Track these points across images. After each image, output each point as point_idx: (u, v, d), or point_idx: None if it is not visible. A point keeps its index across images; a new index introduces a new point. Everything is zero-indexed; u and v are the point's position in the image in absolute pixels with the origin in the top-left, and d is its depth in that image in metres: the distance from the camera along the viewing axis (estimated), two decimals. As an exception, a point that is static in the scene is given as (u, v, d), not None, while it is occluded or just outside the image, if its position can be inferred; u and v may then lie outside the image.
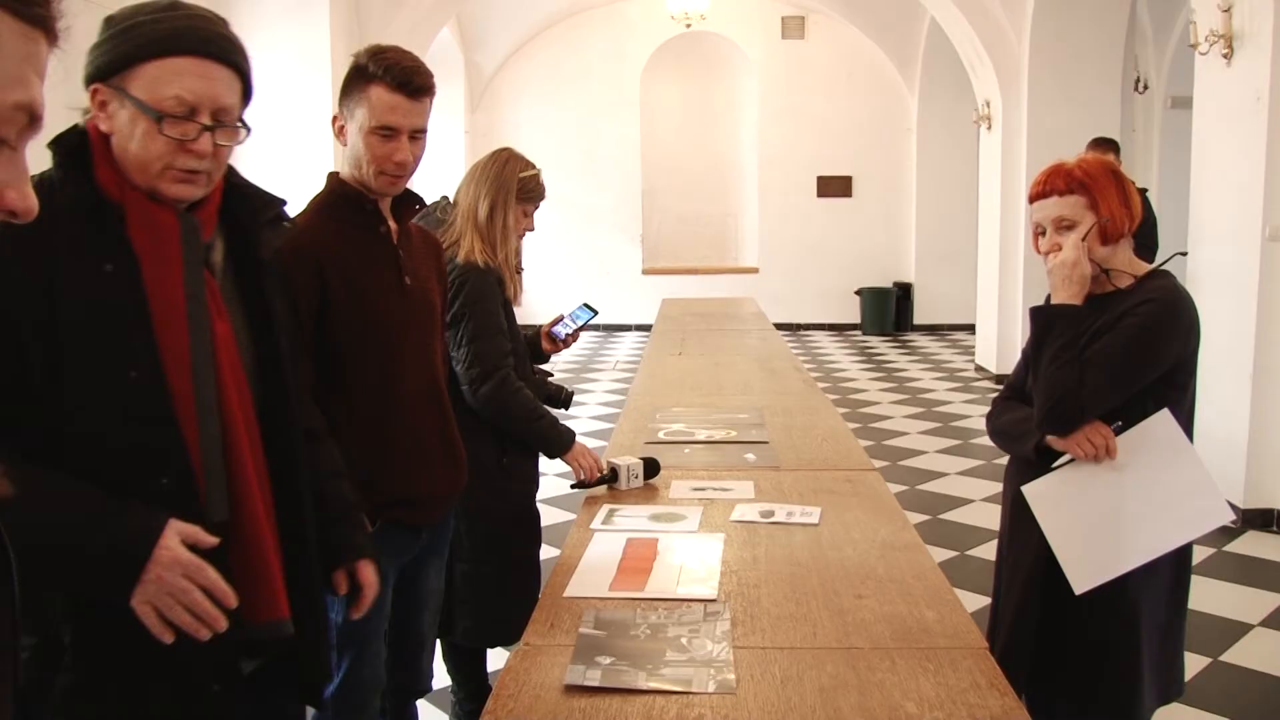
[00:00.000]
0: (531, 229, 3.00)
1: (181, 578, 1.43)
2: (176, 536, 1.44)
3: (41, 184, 1.45)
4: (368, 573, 1.89)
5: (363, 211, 2.22)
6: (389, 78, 2.11)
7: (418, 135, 2.18)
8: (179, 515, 1.47)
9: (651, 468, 2.80)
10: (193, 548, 1.44)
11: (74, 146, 1.52)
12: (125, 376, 1.46)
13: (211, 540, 1.47)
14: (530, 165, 2.96)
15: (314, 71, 8.28)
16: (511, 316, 2.94)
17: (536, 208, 3.00)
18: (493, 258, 2.84)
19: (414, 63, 2.16)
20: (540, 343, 3.28)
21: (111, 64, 1.50)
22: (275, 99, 8.32)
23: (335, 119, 2.23)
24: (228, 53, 1.55)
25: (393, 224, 2.27)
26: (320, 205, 2.27)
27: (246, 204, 1.67)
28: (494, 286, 2.83)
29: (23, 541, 1.31)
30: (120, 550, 1.42)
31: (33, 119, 0.81)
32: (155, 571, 1.42)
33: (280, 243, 1.75)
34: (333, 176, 2.27)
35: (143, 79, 1.49)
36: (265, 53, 8.41)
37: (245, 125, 1.58)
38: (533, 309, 9.33)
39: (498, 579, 2.92)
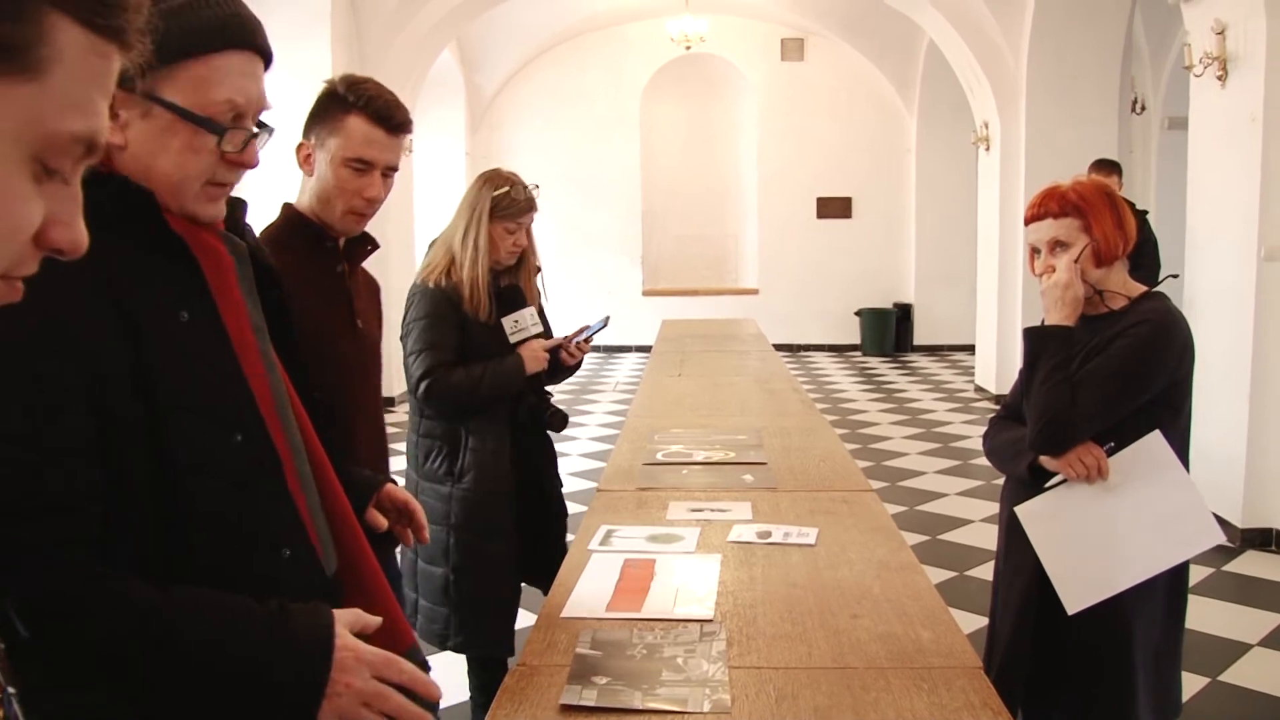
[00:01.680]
0: (522, 244, 3.07)
1: (373, 680, 1.19)
2: (347, 629, 1.21)
3: None
4: (395, 492, 1.67)
5: (321, 248, 2.15)
6: (370, 110, 2.04)
7: (389, 173, 2.10)
8: (304, 587, 1.27)
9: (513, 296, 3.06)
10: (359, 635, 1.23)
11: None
12: (231, 442, 1.24)
13: (375, 621, 1.26)
14: (505, 183, 3.00)
15: (314, 93, 8.32)
16: (477, 328, 3.01)
17: (522, 221, 3.03)
18: (448, 277, 2.98)
19: (394, 98, 2.10)
20: (561, 356, 3.21)
21: (138, 63, 1.26)
22: (276, 121, 8.38)
23: (301, 146, 2.13)
24: (266, 44, 1.31)
25: (344, 264, 2.21)
26: (275, 237, 2.11)
27: (236, 210, 1.43)
28: (441, 304, 2.97)
29: (161, 682, 1.14)
30: (294, 667, 1.16)
31: (91, 148, 0.67)
32: (342, 681, 1.16)
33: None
34: (288, 207, 2.17)
35: (185, 80, 1.21)
36: (266, 74, 8.47)
37: (268, 127, 1.35)
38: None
39: (443, 581, 2.98)
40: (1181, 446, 2.19)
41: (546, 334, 3.20)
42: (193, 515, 1.20)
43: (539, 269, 3.20)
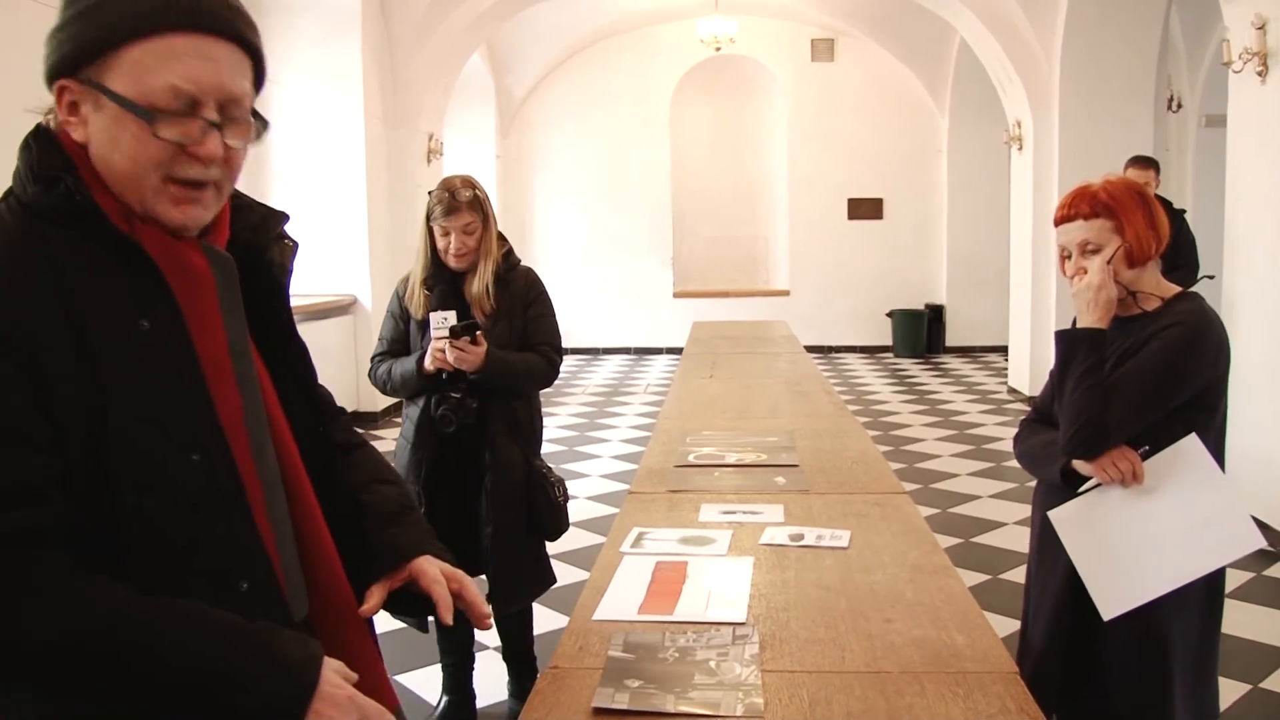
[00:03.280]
0: (456, 246, 3.14)
1: None
2: (335, 671, 1.15)
3: (11, 209, 1.19)
4: (425, 569, 1.39)
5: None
6: None
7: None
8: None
9: (444, 297, 3.15)
10: None
11: (59, 160, 1.18)
12: (186, 461, 1.16)
13: (354, 676, 1.18)
14: (436, 188, 3.18)
15: (346, 97, 8.41)
16: (413, 324, 3.25)
17: (448, 224, 3.13)
18: (408, 280, 3.28)
19: None
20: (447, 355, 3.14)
21: (81, 51, 1.16)
22: (308, 124, 8.47)
23: None
24: (233, 25, 1.20)
25: None
26: None
27: (247, 219, 1.35)
28: (394, 302, 3.33)
29: (126, 692, 1.08)
30: (275, 685, 1.10)
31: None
32: (327, 713, 1.11)
33: (289, 262, 1.42)
34: None
35: (125, 67, 1.15)
36: (298, 78, 8.59)
37: (260, 119, 1.25)
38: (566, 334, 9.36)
39: None
40: (1217, 449, 2.15)
41: (480, 333, 3.11)
42: (136, 531, 1.13)
43: (498, 271, 3.20)
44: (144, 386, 1.15)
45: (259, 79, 1.27)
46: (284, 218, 1.41)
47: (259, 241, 1.35)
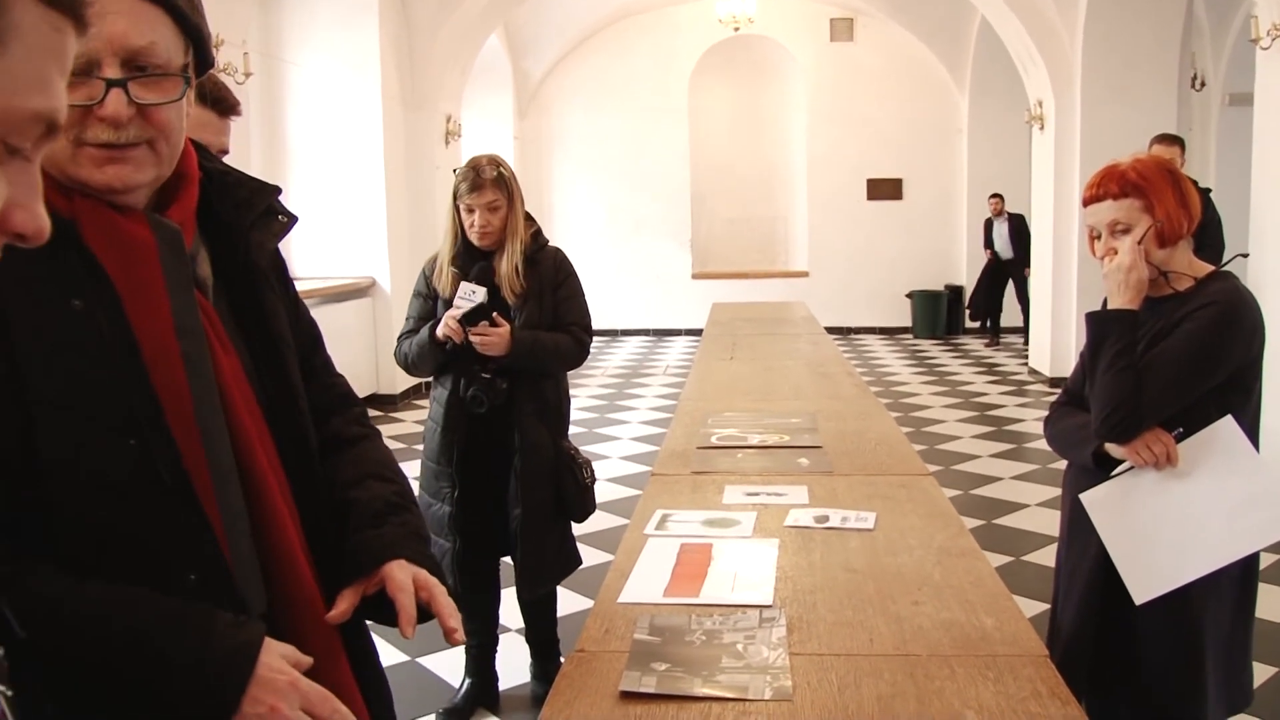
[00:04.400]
0: (482, 224, 3.14)
1: (303, 713, 1.08)
2: (279, 655, 1.12)
3: None
4: (394, 574, 1.31)
5: None
6: (201, 94, 2.05)
7: (222, 155, 2.06)
8: None
9: (480, 274, 3.13)
10: None
11: None
12: (123, 446, 1.11)
13: (307, 661, 1.15)
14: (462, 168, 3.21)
15: (364, 79, 8.41)
16: (440, 303, 3.22)
17: (472, 202, 3.14)
18: (436, 259, 3.28)
19: (221, 82, 2.15)
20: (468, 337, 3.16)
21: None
22: (326, 106, 8.47)
23: None
24: None
25: None
26: None
27: (229, 196, 1.30)
28: (421, 281, 3.32)
29: (65, 666, 1.05)
30: (205, 673, 1.07)
31: (51, 127, 0.64)
32: (267, 702, 1.07)
33: (275, 242, 1.36)
34: None
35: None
36: (316, 60, 8.59)
37: (184, 75, 1.17)
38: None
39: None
40: (1252, 430, 2.13)
41: (496, 313, 3.10)
42: (74, 520, 1.09)
43: (527, 251, 3.18)
44: (74, 370, 1.09)
45: (198, 44, 1.20)
46: (274, 191, 1.36)
47: (241, 220, 1.30)
